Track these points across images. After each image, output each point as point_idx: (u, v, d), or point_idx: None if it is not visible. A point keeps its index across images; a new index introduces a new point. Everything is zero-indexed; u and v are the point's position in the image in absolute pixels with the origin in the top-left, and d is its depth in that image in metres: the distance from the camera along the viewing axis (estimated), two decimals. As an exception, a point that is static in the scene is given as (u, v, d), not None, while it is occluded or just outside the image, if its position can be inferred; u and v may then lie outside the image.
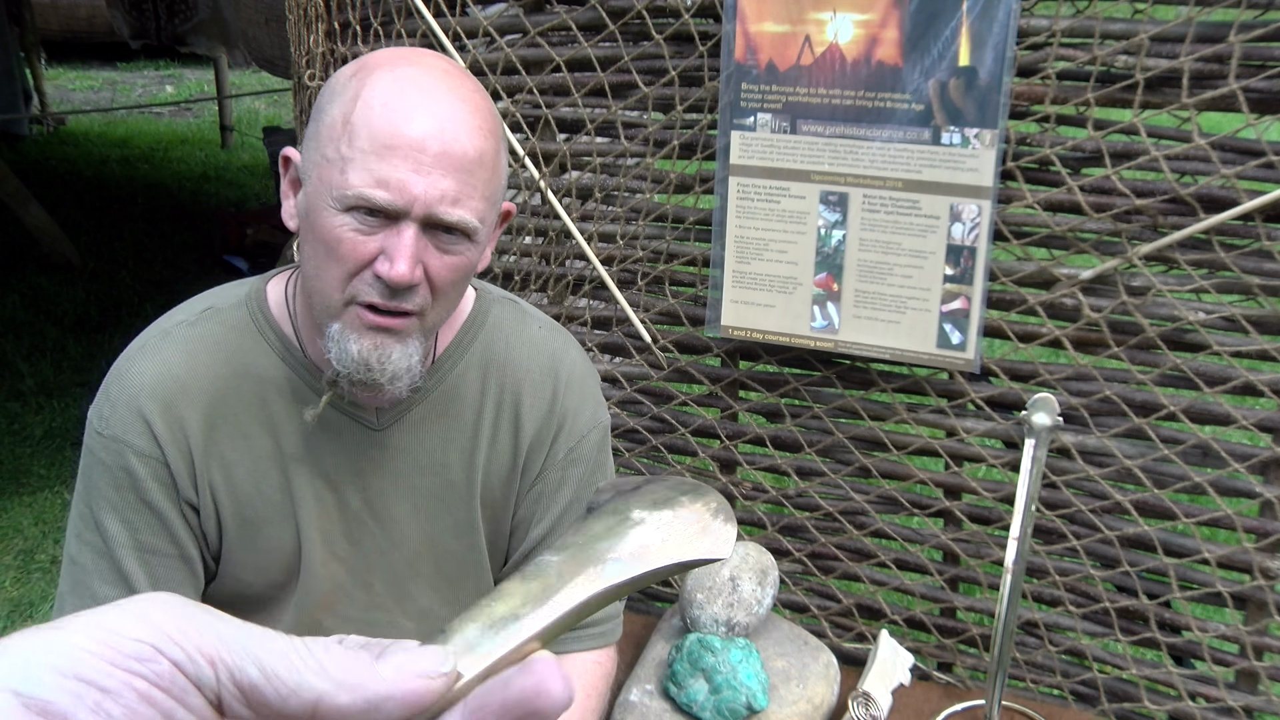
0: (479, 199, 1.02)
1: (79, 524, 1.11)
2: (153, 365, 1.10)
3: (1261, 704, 1.49)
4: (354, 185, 0.97)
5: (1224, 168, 1.36)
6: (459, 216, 1.00)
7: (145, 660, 0.30)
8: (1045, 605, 1.60)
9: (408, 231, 0.99)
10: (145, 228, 5.83)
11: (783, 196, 1.55)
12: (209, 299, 1.16)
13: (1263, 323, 1.40)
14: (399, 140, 0.97)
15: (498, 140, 1.05)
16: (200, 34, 5.14)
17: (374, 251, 1.00)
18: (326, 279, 1.02)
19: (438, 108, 0.99)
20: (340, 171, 0.98)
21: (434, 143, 0.98)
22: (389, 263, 0.99)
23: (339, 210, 0.99)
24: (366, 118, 0.98)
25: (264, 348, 1.12)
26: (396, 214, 0.98)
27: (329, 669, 0.31)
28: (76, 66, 9.98)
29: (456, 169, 0.99)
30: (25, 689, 0.28)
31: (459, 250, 1.03)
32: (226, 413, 1.11)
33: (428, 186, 0.98)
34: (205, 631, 0.31)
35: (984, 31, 1.39)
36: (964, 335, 1.51)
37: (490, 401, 1.20)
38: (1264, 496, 1.43)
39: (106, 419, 1.09)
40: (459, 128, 0.99)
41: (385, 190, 0.97)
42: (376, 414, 1.16)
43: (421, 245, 1.00)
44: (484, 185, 1.02)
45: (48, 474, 3.36)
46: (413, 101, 0.98)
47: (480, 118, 1.02)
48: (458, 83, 1.03)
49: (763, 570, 1.45)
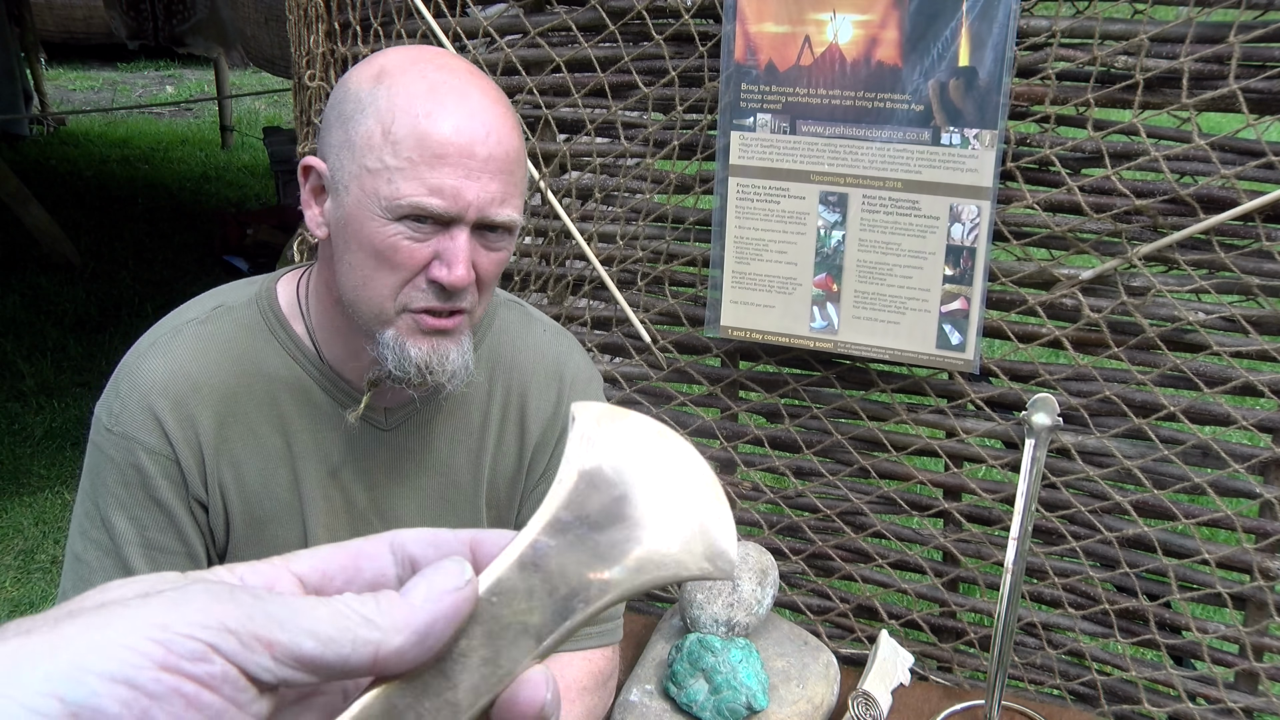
0: (519, 195, 1.05)
1: (84, 521, 1.11)
2: (164, 362, 1.10)
3: (1261, 704, 1.49)
4: (407, 195, 0.99)
5: (1224, 168, 1.36)
6: (507, 216, 1.03)
7: (199, 660, 0.29)
8: (1045, 606, 1.60)
9: (461, 236, 1.01)
10: (145, 228, 5.83)
11: (782, 197, 1.55)
12: (219, 296, 1.16)
13: (1263, 323, 1.40)
14: (448, 148, 0.99)
15: (521, 134, 1.08)
16: (198, 34, 5.13)
17: (428, 257, 1.02)
18: (377, 287, 1.03)
19: (476, 111, 1.01)
20: (388, 182, 0.99)
21: (481, 148, 1.00)
22: (446, 268, 1.01)
23: (390, 219, 1.00)
24: (410, 126, 0.99)
25: (275, 347, 1.13)
26: (450, 220, 1.01)
27: (374, 619, 0.33)
28: (77, 67, 9.98)
29: (501, 170, 1.02)
30: (72, 695, 0.28)
31: (502, 246, 1.06)
32: (237, 411, 1.11)
33: (480, 191, 1.00)
34: (257, 616, 0.31)
35: (984, 32, 1.39)
36: (963, 336, 1.51)
37: (497, 403, 1.20)
38: (1264, 497, 1.43)
39: (116, 415, 1.09)
40: (500, 129, 1.02)
41: (440, 198, 0.99)
42: (385, 414, 1.16)
43: (473, 246, 1.03)
44: (521, 181, 1.06)
45: (48, 474, 3.36)
46: (452, 107, 1.00)
47: (511, 116, 1.05)
48: (483, 82, 1.05)
49: (763, 570, 1.45)
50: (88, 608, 0.30)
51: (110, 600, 0.31)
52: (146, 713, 0.28)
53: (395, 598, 0.34)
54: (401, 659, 0.33)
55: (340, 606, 0.33)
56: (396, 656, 0.33)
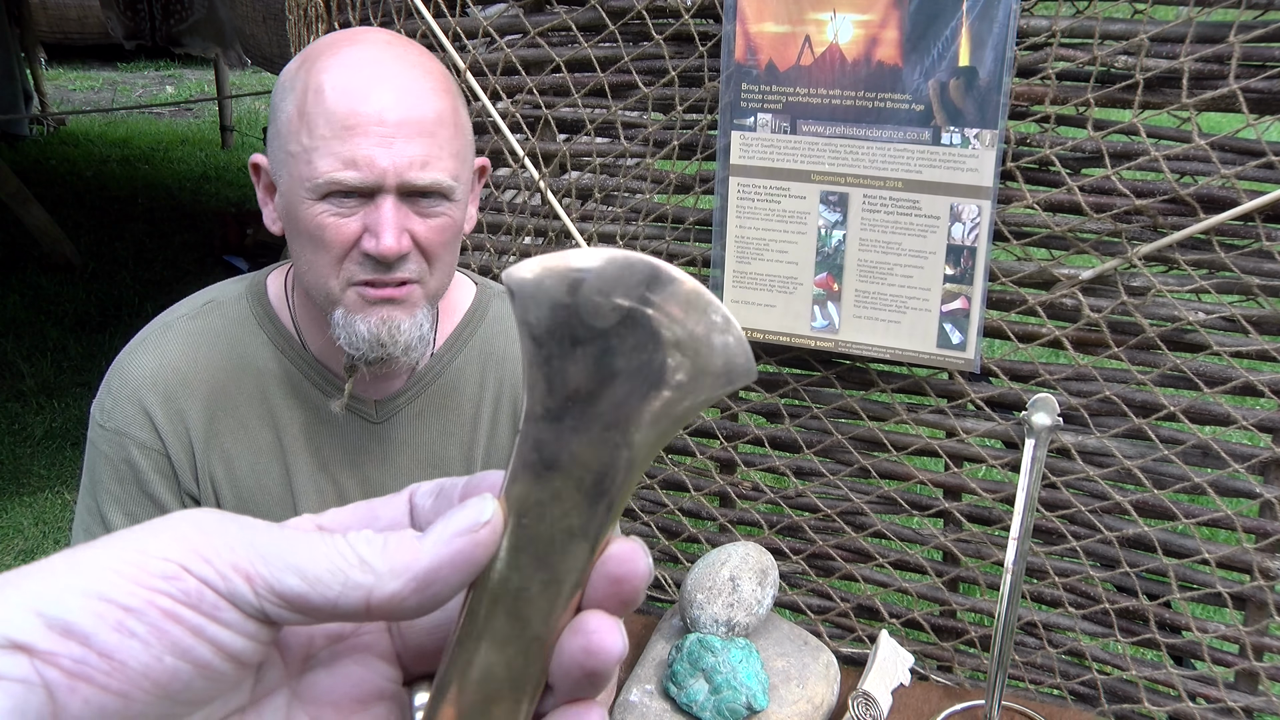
0: (448, 157, 1.03)
1: (85, 517, 1.11)
2: (154, 358, 1.10)
3: (1261, 704, 1.49)
4: (323, 172, 0.99)
5: (1224, 168, 1.36)
6: (432, 178, 1.01)
7: (171, 578, 0.29)
8: (1045, 605, 1.60)
9: (386, 204, 1.00)
10: (145, 228, 5.83)
11: (783, 196, 1.56)
12: (210, 293, 1.17)
13: (1263, 323, 1.40)
14: (356, 118, 0.98)
15: (454, 97, 1.05)
16: (195, 34, 5.13)
17: (357, 231, 1.01)
18: (319, 269, 1.03)
19: (388, 77, 1.00)
20: (308, 163, 0.99)
21: (392, 112, 0.99)
22: (375, 238, 1.00)
23: (315, 199, 1.00)
24: (320, 104, 0.99)
25: (264, 340, 1.13)
26: (371, 190, 1.00)
27: (371, 561, 0.31)
28: (77, 67, 9.98)
29: (420, 133, 1.00)
30: (48, 609, 0.28)
31: (440, 211, 1.04)
32: (227, 405, 1.12)
33: (395, 156, 0.99)
34: (239, 546, 0.30)
35: (984, 32, 1.39)
36: (964, 335, 1.51)
37: (489, 395, 1.20)
38: (1264, 496, 1.43)
39: (108, 412, 1.09)
40: (413, 92, 1.00)
41: (354, 169, 0.98)
42: (375, 407, 1.16)
43: (403, 214, 1.01)
44: (450, 143, 1.03)
45: (48, 474, 3.36)
46: (363, 77, 0.99)
47: (432, 79, 1.03)
48: (403, 50, 1.04)
49: (763, 570, 1.45)
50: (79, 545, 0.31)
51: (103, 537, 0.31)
52: (122, 623, 0.29)
53: (404, 540, 0.31)
54: (401, 606, 0.31)
55: (340, 545, 0.31)
56: (393, 603, 0.31)
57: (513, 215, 1.76)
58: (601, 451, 0.33)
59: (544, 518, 0.32)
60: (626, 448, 0.33)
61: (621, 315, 0.32)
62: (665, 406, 0.33)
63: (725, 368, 0.33)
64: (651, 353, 0.33)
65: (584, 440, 0.33)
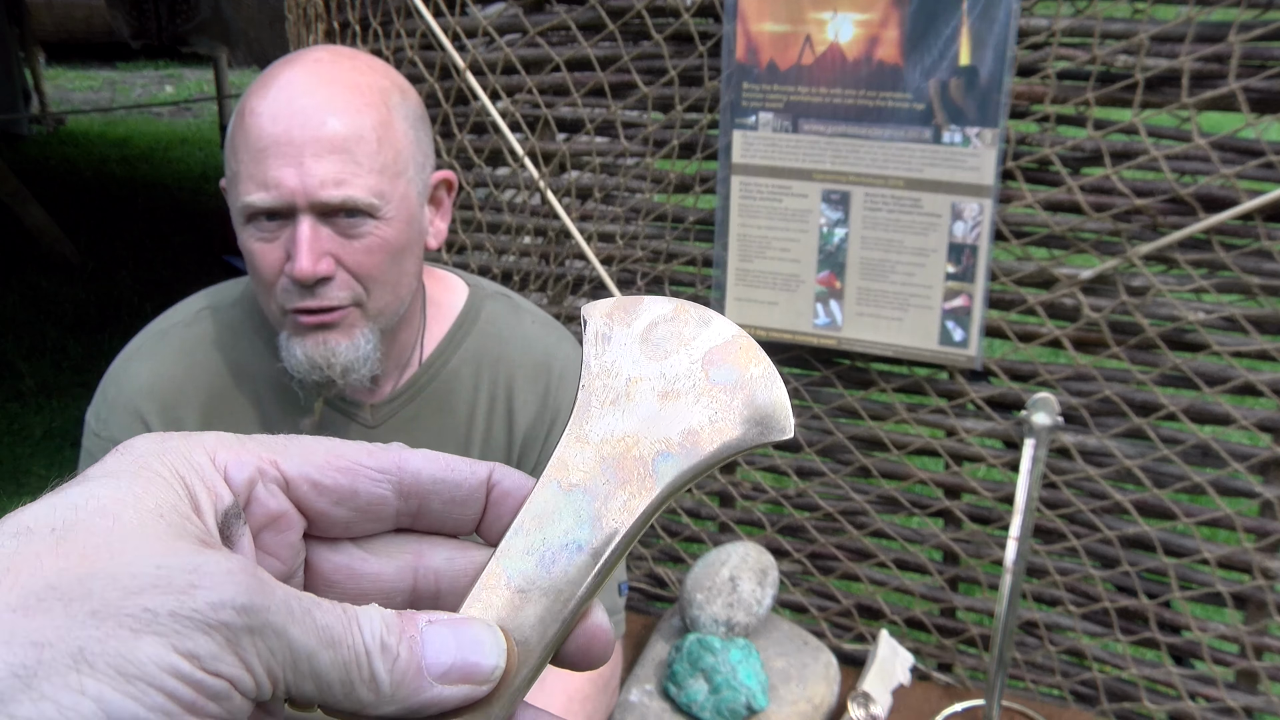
0: (367, 173, 1.00)
1: None
2: (149, 367, 1.10)
3: (1261, 704, 1.49)
4: (243, 195, 0.99)
5: (1224, 168, 1.36)
6: (345, 195, 0.99)
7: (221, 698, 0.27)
8: (1045, 605, 1.60)
9: (302, 226, 0.99)
10: (145, 228, 5.82)
11: (785, 195, 1.56)
12: (205, 299, 1.16)
13: (1263, 323, 1.40)
14: (266, 140, 0.98)
15: (381, 111, 1.02)
16: (202, 33, 5.14)
17: (282, 257, 1.01)
18: (260, 293, 1.04)
19: (299, 98, 0.99)
20: (235, 188, 1.00)
21: (298, 132, 0.98)
22: (293, 261, 0.99)
23: (243, 224, 1.01)
24: (243, 129, 1.00)
25: (259, 347, 1.13)
26: (286, 211, 0.99)
27: (380, 680, 0.30)
28: (76, 67, 9.97)
29: (330, 150, 0.98)
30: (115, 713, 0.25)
31: (366, 231, 1.02)
32: (223, 412, 1.11)
33: (303, 176, 0.98)
34: (277, 651, 0.28)
35: (984, 31, 1.39)
36: (966, 332, 1.51)
37: (484, 397, 1.19)
38: (1264, 496, 1.43)
39: (104, 420, 1.09)
40: (324, 110, 0.99)
41: (265, 191, 0.98)
42: (371, 412, 1.16)
43: (324, 236, 1.00)
44: (370, 159, 1.01)
45: (48, 474, 3.36)
46: (278, 100, 0.99)
47: (353, 94, 1.01)
48: (329, 68, 1.02)
49: (762, 570, 1.45)
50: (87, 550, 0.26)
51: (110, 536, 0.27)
52: None
53: (413, 666, 0.30)
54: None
55: (359, 650, 0.29)
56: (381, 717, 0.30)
57: (512, 215, 1.76)
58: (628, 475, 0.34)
59: (556, 528, 0.33)
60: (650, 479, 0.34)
61: (675, 358, 0.35)
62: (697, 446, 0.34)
63: (760, 417, 0.35)
64: (696, 396, 0.34)
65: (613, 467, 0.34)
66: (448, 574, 0.34)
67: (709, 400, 0.34)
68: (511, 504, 0.34)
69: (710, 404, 0.34)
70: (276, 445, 0.32)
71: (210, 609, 0.26)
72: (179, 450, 0.30)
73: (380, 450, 0.33)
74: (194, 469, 0.30)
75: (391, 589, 0.34)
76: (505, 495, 0.34)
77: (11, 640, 0.24)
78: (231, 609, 0.26)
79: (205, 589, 0.26)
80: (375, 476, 0.33)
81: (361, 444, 0.33)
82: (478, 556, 0.34)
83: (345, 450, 0.33)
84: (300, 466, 0.32)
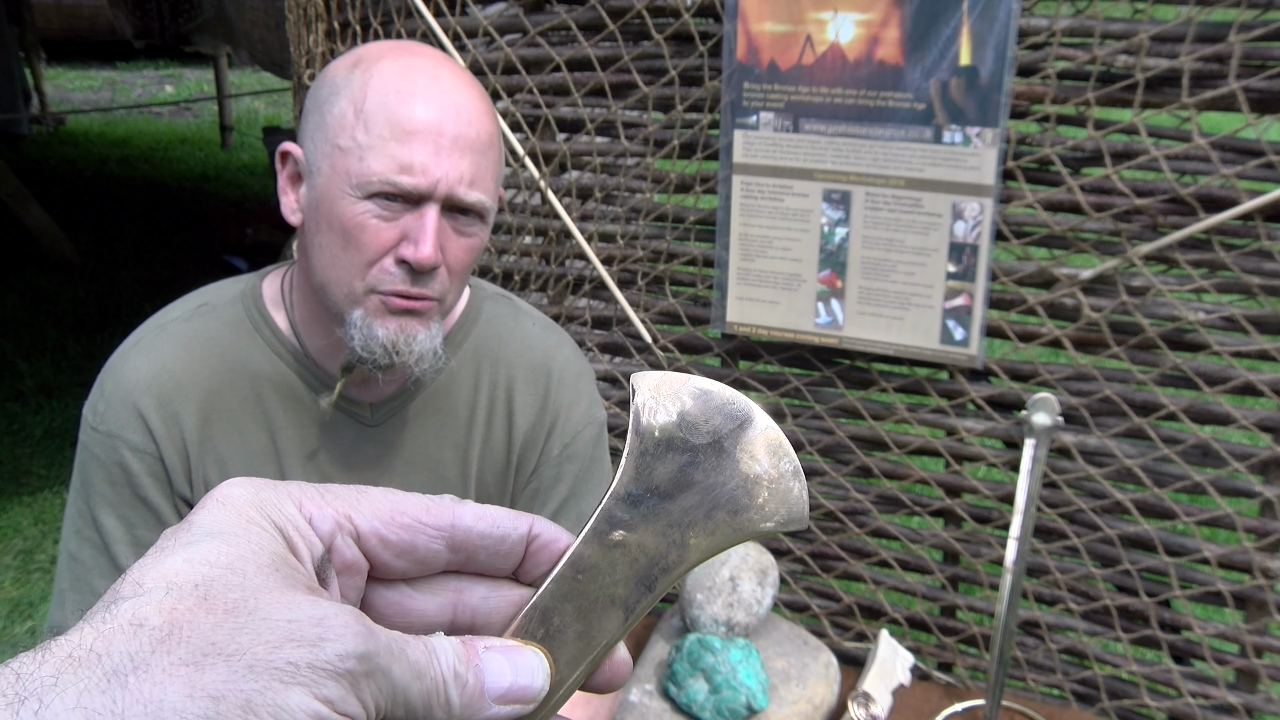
0: (490, 180, 1.05)
1: (77, 520, 1.11)
2: (148, 361, 1.10)
3: (1261, 703, 1.49)
4: (377, 171, 0.99)
5: (1224, 168, 1.36)
6: (476, 198, 1.03)
7: None
8: (1045, 605, 1.60)
9: (430, 214, 1.01)
10: (145, 228, 5.83)
11: (786, 194, 1.56)
12: (204, 295, 1.16)
13: (1263, 323, 1.40)
14: (417, 124, 0.99)
15: (498, 124, 1.08)
16: (205, 33, 5.14)
17: (395, 238, 1.02)
18: (345, 267, 1.03)
19: (448, 92, 1.02)
20: (359, 159, 1.00)
21: (450, 126, 1.00)
22: (414, 246, 1.01)
23: (359, 198, 1.00)
24: (381, 105, 1.00)
25: (259, 344, 1.13)
26: (419, 197, 1.01)
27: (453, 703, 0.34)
28: (76, 66, 9.97)
29: (471, 150, 1.02)
30: None
31: (473, 231, 1.06)
32: (221, 408, 1.11)
33: (449, 168, 1.00)
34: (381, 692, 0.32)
35: (984, 31, 1.39)
36: (966, 331, 1.51)
37: (483, 397, 1.20)
38: (1264, 496, 1.44)
39: (102, 414, 1.09)
40: (469, 110, 1.02)
41: (408, 174, 0.99)
42: (371, 410, 1.16)
43: (442, 228, 1.02)
44: (494, 167, 1.06)
45: (48, 474, 3.36)
46: (423, 87, 1.01)
47: (484, 102, 1.06)
48: (456, 69, 1.06)
49: (762, 570, 1.45)
50: None
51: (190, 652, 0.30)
52: None
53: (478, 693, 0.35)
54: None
55: (440, 680, 0.34)
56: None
57: (513, 215, 1.76)
58: (661, 543, 0.38)
59: (596, 580, 0.38)
60: (682, 547, 0.38)
61: (713, 439, 0.39)
62: (723, 524, 0.39)
63: (783, 508, 0.39)
64: (727, 477, 0.39)
65: (650, 530, 0.38)
66: (483, 610, 0.38)
67: (742, 488, 0.39)
68: (548, 555, 0.38)
69: (743, 493, 0.39)
70: (349, 499, 0.36)
71: (338, 659, 0.30)
72: (272, 501, 0.35)
73: (436, 506, 0.37)
74: (287, 520, 0.34)
75: (434, 622, 0.38)
76: (543, 546, 0.39)
77: (194, 694, 0.28)
78: (354, 658, 0.31)
79: (331, 641, 0.30)
80: (432, 534, 0.37)
81: (419, 498, 0.37)
82: (511, 595, 0.38)
83: (407, 506, 0.37)
84: (369, 522, 0.36)
